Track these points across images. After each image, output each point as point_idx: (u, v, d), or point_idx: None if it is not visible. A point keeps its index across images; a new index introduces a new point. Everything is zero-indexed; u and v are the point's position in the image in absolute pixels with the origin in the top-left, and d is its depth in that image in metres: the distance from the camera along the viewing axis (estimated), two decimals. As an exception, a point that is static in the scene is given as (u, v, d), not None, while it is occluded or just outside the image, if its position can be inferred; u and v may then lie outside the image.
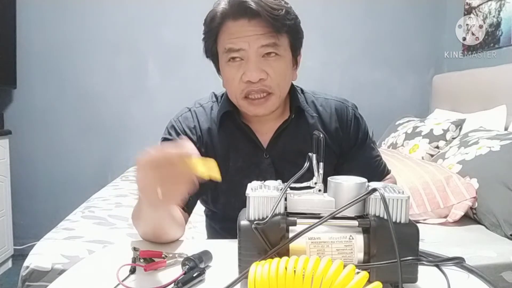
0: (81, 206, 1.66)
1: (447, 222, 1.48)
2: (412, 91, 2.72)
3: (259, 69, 0.82)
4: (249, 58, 0.82)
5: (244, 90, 0.84)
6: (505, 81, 1.91)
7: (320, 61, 2.64)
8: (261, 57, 0.82)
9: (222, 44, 0.84)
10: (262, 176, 0.91)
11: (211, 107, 0.96)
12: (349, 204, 0.54)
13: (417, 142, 1.99)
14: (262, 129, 0.93)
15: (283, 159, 0.92)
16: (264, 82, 0.83)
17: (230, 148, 0.92)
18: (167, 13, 2.53)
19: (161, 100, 2.54)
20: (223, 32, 0.84)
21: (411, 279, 0.54)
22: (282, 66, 0.85)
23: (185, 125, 0.93)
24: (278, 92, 0.86)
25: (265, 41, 0.81)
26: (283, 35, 0.84)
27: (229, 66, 0.85)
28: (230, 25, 0.83)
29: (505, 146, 1.47)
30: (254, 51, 0.81)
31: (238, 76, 0.84)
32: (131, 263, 0.64)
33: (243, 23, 0.81)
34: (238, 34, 0.82)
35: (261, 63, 0.82)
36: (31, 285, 1.09)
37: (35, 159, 2.54)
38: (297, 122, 0.93)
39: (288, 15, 0.83)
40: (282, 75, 0.85)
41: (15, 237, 2.40)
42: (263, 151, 0.92)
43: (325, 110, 0.96)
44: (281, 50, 0.84)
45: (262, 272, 0.48)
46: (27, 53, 2.45)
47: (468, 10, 2.36)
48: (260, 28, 0.81)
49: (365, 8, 2.66)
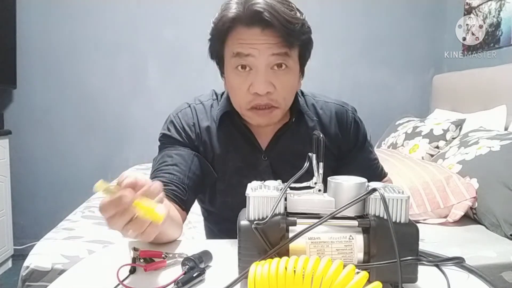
0: (81, 206, 1.66)
1: (447, 222, 1.48)
2: (412, 91, 2.72)
3: (267, 82, 0.80)
4: (258, 69, 0.80)
5: (250, 102, 0.83)
6: (505, 81, 1.91)
7: (320, 61, 2.64)
8: (270, 68, 0.80)
9: (231, 48, 0.81)
10: (260, 178, 0.91)
11: (211, 105, 0.95)
12: (349, 204, 0.54)
13: (417, 142, 1.99)
14: (261, 131, 0.92)
15: (281, 161, 0.92)
16: (271, 96, 0.82)
17: (229, 148, 0.92)
18: (167, 13, 2.53)
19: (161, 100, 2.54)
20: (233, 36, 0.81)
21: (411, 279, 0.54)
22: (290, 80, 0.83)
23: (184, 121, 0.92)
24: (284, 106, 0.85)
25: (277, 50, 0.79)
26: (295, 47, 0.82)
27: (236, 74, 0.82)
28: (241, 30, 0.80)
29: (505, 146, 1.48)
30: (265, 59, 0.79)
31: (245, 86, 0.81)
32: (131, 263, 0.64)
33: (256, 32, 0.78)
34: (249, 41, 0.79)
35: (270, 76, 0.80)
36: (31, 285, 1.09)
37: (35, 159, 2.55)
38: (297, 125, 0.92)
39: (303, 28, 0.81)
40: (289, 89, 0.84)
41: (15, 237, 2.40)
42: (261, 153, 0.92)
43: (325, 113, 0.95)
44: (291, 62, 0.82)
45: (262, 272, 0.48)
46: (27, 53, 2.45)
47: (468, 10, 2.36)
48: (273, 38, 0.78)
49: (365, 8, 2.66)
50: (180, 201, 0.81)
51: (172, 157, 0.86)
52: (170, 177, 0.82)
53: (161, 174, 0.83)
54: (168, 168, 0.84)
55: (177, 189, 0.81)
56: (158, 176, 0.83)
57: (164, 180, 0.81)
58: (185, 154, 0.88)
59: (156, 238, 0.76)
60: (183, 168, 0.85)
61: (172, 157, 0.86)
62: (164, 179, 0.81)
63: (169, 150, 0.89)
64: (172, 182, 0.81)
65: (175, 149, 0.88)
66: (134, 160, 2.49)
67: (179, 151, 0.88)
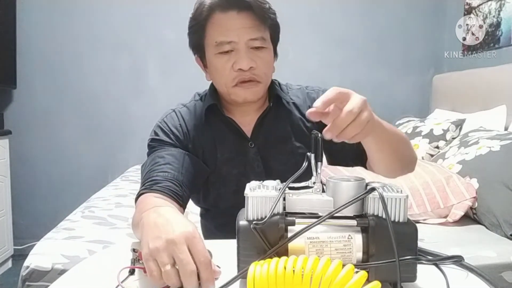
0: (81, 206, 1.66)
1: (447, 222, 1.48)
2: (412, 91, 2.72)
3: (249, 58, 0.87)
4: (239, 49, 0.86)
5: (235, 78, 0.88)
6: (505, 81, 1.91)
7: (320, 61, 2.65)
8: (249, 48, 0.87)
9: (212, 37, 0.88)
10: (250, 165, 0.94)
11: (195, 105, 1.00)
12: (347, 204, 0.54)
13: (417, 142, 1.99)
14: (244, 120, 0.96)
15: (268, 146, 0.96)
16: (254, 71, 0.88)
17: (217, 141, 0.95)
18: (167, 13, 2.53)
19: (161, 100, 2.54)
20: (211, 25, 0.87)
21: (410, 278, 0.54)
22: (268, 57, 0.91)
23: (171, 124, 0.96)
24: (265, 81, 0.92)
25: (254, 35, 0.86)
26: (267, 29, 0.89)
27: (219, 58, 0.88)
28: (219, 17, 0.86)
29: (505, 146, 1.48)
30: (244, 42, 0.86)
31: (228, 65, 0.88)
32: (131, 265, 0.64)
33: (232, 15, 0.85)
34: (228, 27, 0.86)
35: (251, 54, 0.87)
36: (31, 285, 1.09)
37: (35, 159, 2.55)
38: (276, 110, 0.98)
39: (270, 9, 0.90)
40: (269, 65, 0.92)
41: (15, 237, 2.40)
42: (248, 141, 0.96)
43: (298, 97, 1.01)
44: (266, 43, 0.90)
45: (261, 272, 0.48)
46: (27, 53, 2.45)
47: (468, 10, 2.36)
48: (248, 20, 0.86)
49: (365, 8, 2.66)
50: (176, 196, 0.82)
51: (163, 157, 0.88)
52: (165, 175, 0.84)
53: (155, 174, 0.84)
54: (161, 168, 0.85)
55: (172, 185, 0.82)
56: (152, 176, 0.83)
57: (159, 178, 0.82)
58: (176, 153, 0.90)
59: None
60: (176, 165, 0.87)
61: (164, 157, 0.88)
62: (159, 177, 0.83)
63: (159, 152, 0.91)
64: (167, 179, 0.83)
65: (166, 150, 0.91)
66: (134, 160, 2.49)
67: (170, 151, 0.90)
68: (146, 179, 0.83)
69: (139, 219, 0.67)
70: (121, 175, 2.27)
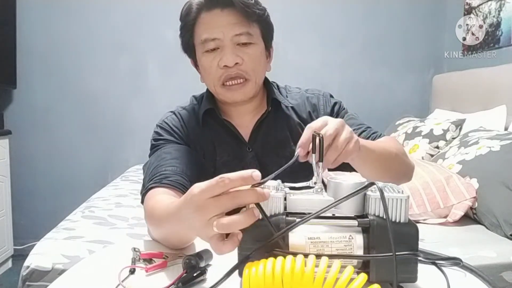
0: (81, 206, 1.66)
1: (447, 222, 1.48)
2: (412, 91, 2.72)
3: (234, 54, 0.86)
4: (224, 46, 0.87)
5: (221, 76, 0.88)
6: (505, 81, 1.91)
7: (320, 62, 2.65)
8: (236, 45, 0.87)
9: (199, 36, 0.89)
10: (247, 169, 0.92)
11: (193, 108, 1.00)
12: (345, 198, 0.53)
13: (417, 142, 1.99)
14: (242, 123, 0.96)
15: (265, 150, 0.96)
16: (240, 67, 0.88)
17: (216, 144, 0.95)
18: (167, 13, 2.52)
19: (161, 100, 2.54)
20: (199, 24, 0.89)
21: (411, 278, 0.54)
22: (256, 52, 0.90)
23: (172, 124, 0.96)
24: (254, 78, 0.90)
25: (239, 30, 0.86)
26: (255, 25, 0.89)
27: (205, 56, 0.89)
28: (205, 16, 0.88)
29: (505, 146, 1.48)
30: (229, 39, 0.86)
31: (215, 63, 0.88)
32: (132, 264, 0.64)
33: (216, 12, 0.86)
34: (213, 24, 0.87)
35: (236, 50, 0.87)
36: (31, 285, 1.09)
37: (35, 159, 2.55)
38: (275, 114, 0.97)
39: (257, 5, 0.89)
40: (257, 60, 0.90)
41: (15, 237, 2.40)
42: (245, 145, 0.96)
43: (297, 101, 1.00)
44: (254, 39, 0.89)
45: (257, 272, 0.47)
46: (27, 53, 2.45)
47: (468, 10, 2.36)
48: (233, 17, 0.86)
49: (365, 8, 2.66)
50: (186, 190, 0.82)
51: (170, 153, 0.89)
52: (174, 169, 0.84)
53: (163, 169, 0.84)
54: (169, 162, 0.86)
55: (181, 179, 0.83)
56: (160, 171, 0.83)
57: (168, 172, 0.83)
58: (181, 148, 0.91)
59: (178, 246, 0.72)
60: (184, 160, 0.88)
61: (171, 153, 0.89)
62: (168, 172, 0.83)
63: (165, 148, 0.91)
64: (176, 173, 0.83)
65: (171, 147, 0.91)
66: (134, 160, 2.49)
67: (176, 147, 0.91)
68: (154, 173, 0.83)
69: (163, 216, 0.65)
70: (121, 175, 2.27)
